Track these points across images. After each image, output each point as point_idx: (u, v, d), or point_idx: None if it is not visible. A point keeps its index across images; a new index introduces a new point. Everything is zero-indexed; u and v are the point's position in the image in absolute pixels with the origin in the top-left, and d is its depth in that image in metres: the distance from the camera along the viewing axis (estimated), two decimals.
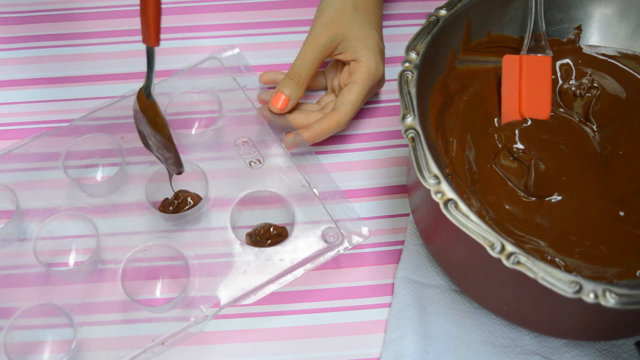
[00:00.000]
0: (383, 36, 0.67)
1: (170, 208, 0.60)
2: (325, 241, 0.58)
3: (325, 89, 0.70)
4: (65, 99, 0.70)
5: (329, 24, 0.64)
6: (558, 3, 0.61)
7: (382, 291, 0.60)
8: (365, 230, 0.58)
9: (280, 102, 0.63)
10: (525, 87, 0.59)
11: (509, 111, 0.59)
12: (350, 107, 0.63)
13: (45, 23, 0.76)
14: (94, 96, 0.70)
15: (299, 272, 0.56)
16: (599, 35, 0.62)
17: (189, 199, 0.61)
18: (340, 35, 0.64)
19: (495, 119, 0.60)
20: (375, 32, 0.66)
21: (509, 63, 0.59)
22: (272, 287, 0.56)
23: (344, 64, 0.67)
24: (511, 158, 0.56)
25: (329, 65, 0.69)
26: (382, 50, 0.66)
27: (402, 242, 0.62)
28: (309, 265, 0.57)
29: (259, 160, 0.63)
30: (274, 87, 0.66)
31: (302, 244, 0.58)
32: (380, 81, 0.66)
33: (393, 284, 0.60)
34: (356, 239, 0.58)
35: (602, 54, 0.62)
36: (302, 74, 0.63)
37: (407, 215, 0.63)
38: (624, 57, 0.61)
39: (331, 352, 0.57)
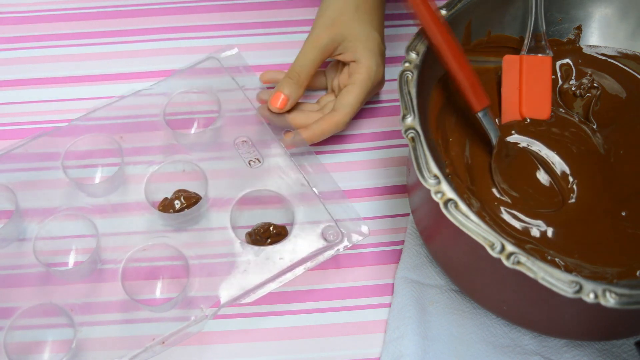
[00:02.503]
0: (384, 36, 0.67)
1: (171, 210, 0.60)
2: (325, 240, 0.58)
3: (326, 89, 0.70)
4: (65, 99, 0.70)
5: (330, 24, 0.64)
6: (558, 3, 0.61)
7: (382, 291, 0.60)
8: (365, 228, 0.58)
9: (279, 101, 0.63)
10: (526, 87, 0.59)
11: (509, 111, 0.59)
12: (350, 108, 0.63)
13: (45, 23, 0.76)
14: (94, 96, 0.70)
15: (299, 270, 0.56)
16: (599, 35, 0.62)
17: (188, 199, 0.61)
18: (341, 35, 0.64)
19: (496, 119, 0.60)
20: (376, 33, 0.65)
21: (509, 63, 0.59)
22: (272, 286, 0.56)
23: (344, 64, 0.67)
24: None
25: (329, 65, 0.69)
26: (382, 52, 0.66)
27: (402, 242, 0.62)
28: (308, 264, 0.57)
29: (258, 160, 0.63)
30: (274, 87, 0.66)
31: (302, 242, 0.58)
32: (380, 83, 0.66)
33: (393, 284, 0.60)
34: (356, 238, 0.58)
35: (602, 54, 0.62)
36: (301, 73, 0.63)
37: (407, 215, 0.63)
38: (624, 57, 0.61)
39: (331, 352, 0.57)
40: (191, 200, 0.60)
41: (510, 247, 0.44)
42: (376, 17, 0.67)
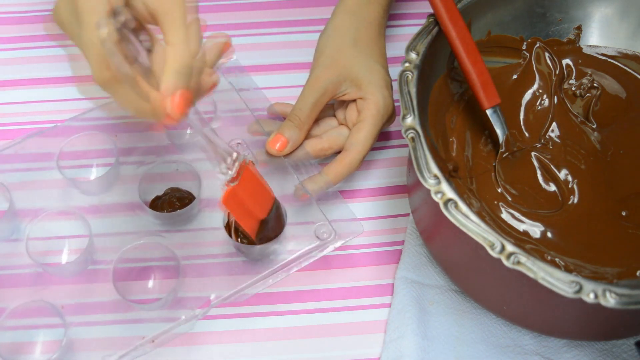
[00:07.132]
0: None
1: (163, 210, 0.60)
2: (318, 238, 0.58)
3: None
4: (62, 99, 0.70)
5: (329, 64, 0.62)
6: (558, 3, 0.61)
7: (382, 291, 0.60)
8: (358, 227, 0.58)
9: (278, 143, 0.60)
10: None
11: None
12: (362, 146, 0.60)
13: (45, 23, 0.76)
14: (91, 96, 0.70)
15: (291, 269, 0.56)
16: (599, 35, 0.62)
17: (181, 197, 0.61)
18: (342, 76, 0.61)
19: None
20: (379, 66, 0.63)
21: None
22: (264, 285, 0.56)
23: (351, 99, 0.63)
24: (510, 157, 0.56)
25: (336, 102, 0.65)
26: (388, 85, 0.62)
27: (402, 242, 0.62)
28: (301, 262, 0.56)
29: (252, 162, 0.62)
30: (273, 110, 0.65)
31: (295, 241, 0.58)
32: (392, 116, 0.63)
33: (393, 284, 0.60)
34: (349, 234, 0.57)
35: (602, 54, 0.62)
36: (302, 116, 0.60)
37: (407, 215, 0.63)
38: (624, 57, 0.61)
39: (331, 352, 0.57)
40: (184, 199, 0.60)
41: (510, 247, 0.44)
42: (377, 49, 0.64)
